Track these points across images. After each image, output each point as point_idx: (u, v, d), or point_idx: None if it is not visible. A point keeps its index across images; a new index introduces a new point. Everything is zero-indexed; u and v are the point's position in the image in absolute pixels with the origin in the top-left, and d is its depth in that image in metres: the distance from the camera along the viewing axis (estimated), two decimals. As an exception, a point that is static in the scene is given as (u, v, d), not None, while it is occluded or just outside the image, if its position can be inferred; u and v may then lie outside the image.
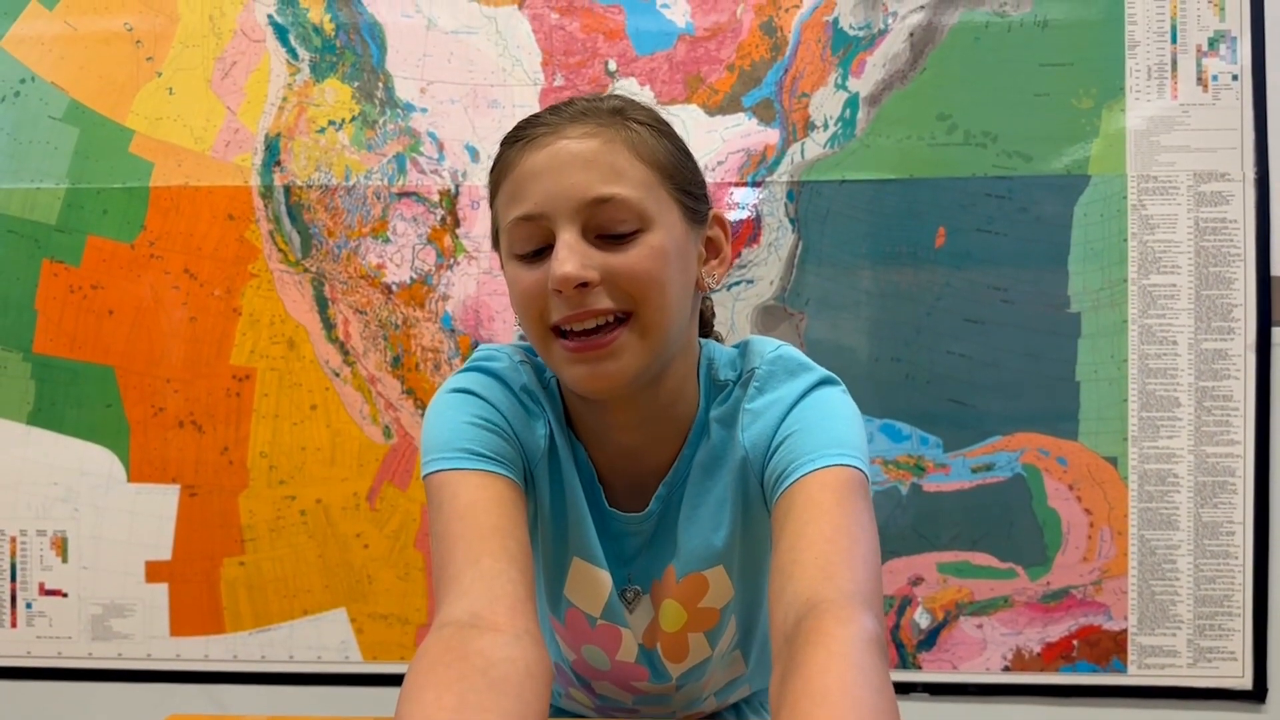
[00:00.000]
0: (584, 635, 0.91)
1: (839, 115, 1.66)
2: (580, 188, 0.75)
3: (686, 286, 0.80)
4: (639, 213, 0.76)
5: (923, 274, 1.65)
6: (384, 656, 1.69)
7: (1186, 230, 1.62)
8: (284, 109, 1.71)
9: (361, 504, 1.70)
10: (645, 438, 0.85)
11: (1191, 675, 1.64)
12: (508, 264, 0.80)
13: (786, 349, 0.85)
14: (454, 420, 0.81)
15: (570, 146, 0.76)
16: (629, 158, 0.76)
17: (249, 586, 1.71)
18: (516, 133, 0.80)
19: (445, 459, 0.79)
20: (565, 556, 0.88)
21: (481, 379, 0.84)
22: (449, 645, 0.66)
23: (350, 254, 1.70)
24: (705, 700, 0.97)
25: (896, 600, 1.65)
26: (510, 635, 0.68)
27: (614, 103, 0.80)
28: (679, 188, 0.80)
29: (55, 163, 1.72)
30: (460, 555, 0.73)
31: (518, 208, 0.77)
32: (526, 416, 0.84)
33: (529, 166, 0.77)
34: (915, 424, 1.65)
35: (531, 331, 0.80)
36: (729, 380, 0.85)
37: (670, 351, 0.80)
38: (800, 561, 0.70)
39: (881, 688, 0.59)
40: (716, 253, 0.85)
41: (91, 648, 1.74)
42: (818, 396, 0.81)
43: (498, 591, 0.71)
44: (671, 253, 0.77)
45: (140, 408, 1.72)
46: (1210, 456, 1.62)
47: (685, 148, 0.83)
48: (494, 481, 0.78)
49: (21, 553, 1.74)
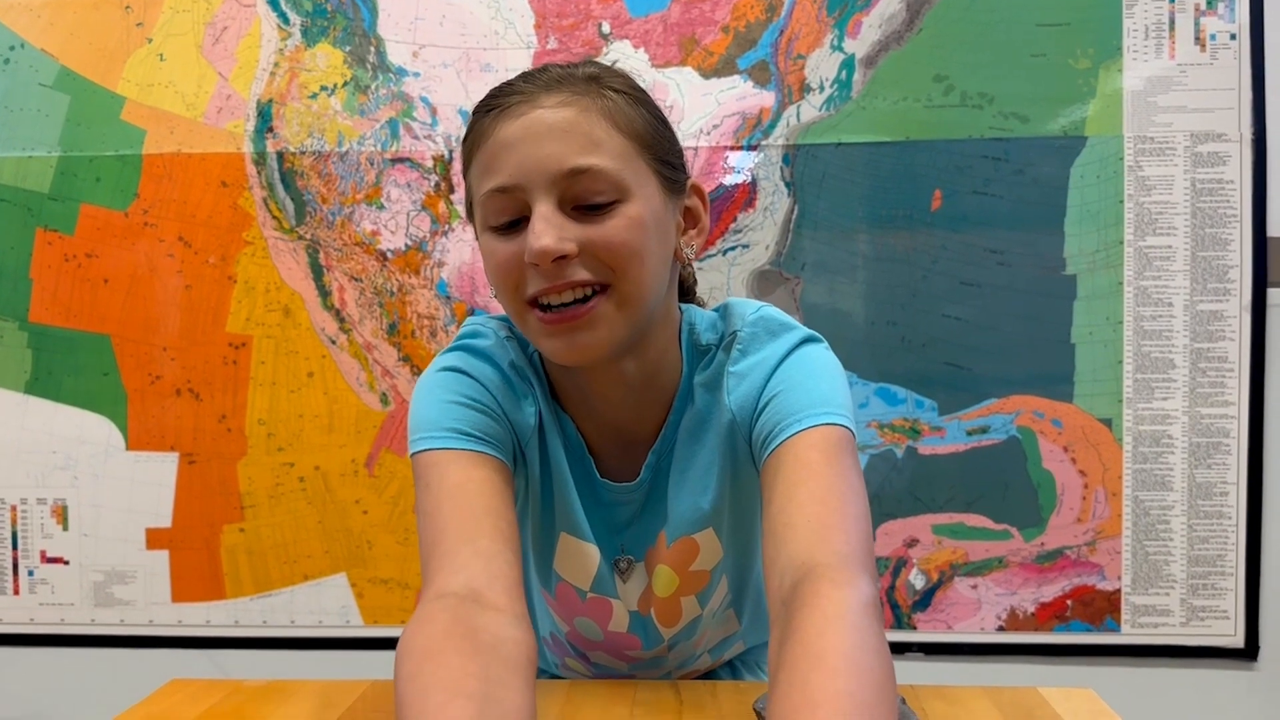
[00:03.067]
0: (575, 608, 0.92)
1: (835, 77, 1.65)
2: (556, 159, 0.73)
3: (665, 257, 0.80)
4: (616, 183, 0.75)
5: (919, 237, 1.65)
6: (385, 620, 1.70)
7: (1183, 191, 1.61)
8: (276, 74, 1.70)
9: (360, 470, 1.70)
10: (631, 407, 0.84)
11: (1184, 634, 1.65)
12: (483, 236, 0.79)
13: (767, 309, 0.85)
14: (442, 399, 0.81)
15: (545, 116, 0.74)
16: (606, 127, 0.75)
17: (249, 553, 1.72)
18: (489, 101, 0.78)
19: (434, 438, 0.79)
20: (553, 532, 0.88)
21: (469, 358, 0.84)
22: (455, 616, 0.66)
23: (344, 221, 1.69)
24: (699, 658, 0.98)
25: (892, 561, 1.66)
26: (510, 616, 0.69)
27: (589, 70, 0.79)
28: (657, 158, 0.79)
29: (47, 130, 1.71)
30: (454, 532, 0.73)
31: (492, 179, 0.76)
32: (515, 395, 0.84)
33: (503, 137, 0.75)
34: (911, 387, 1.65)
35: (508, 304, 0.79)
36: (711, 344, 0.85)
37: (648, 322, 0.80)
38: (793, 524, 0.70)
39: (878, 650, 0.60)
40: (695, 222, 0.85)
41: (94, 614, 1.75)
42: (801, 355, 0.81)
43: (495, 571, 0.71)
44: (649, 223, 0.76)
45: (137, 376, 1.72)
46: (1205, 418, 1.63)
47: (663, 116, 0.82)
48: (483, 462, 0.78)
49: (22, 521, 1.75)
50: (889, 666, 0.59)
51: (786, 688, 0.57)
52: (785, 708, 0.55)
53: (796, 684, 0.56)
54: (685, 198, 0.83)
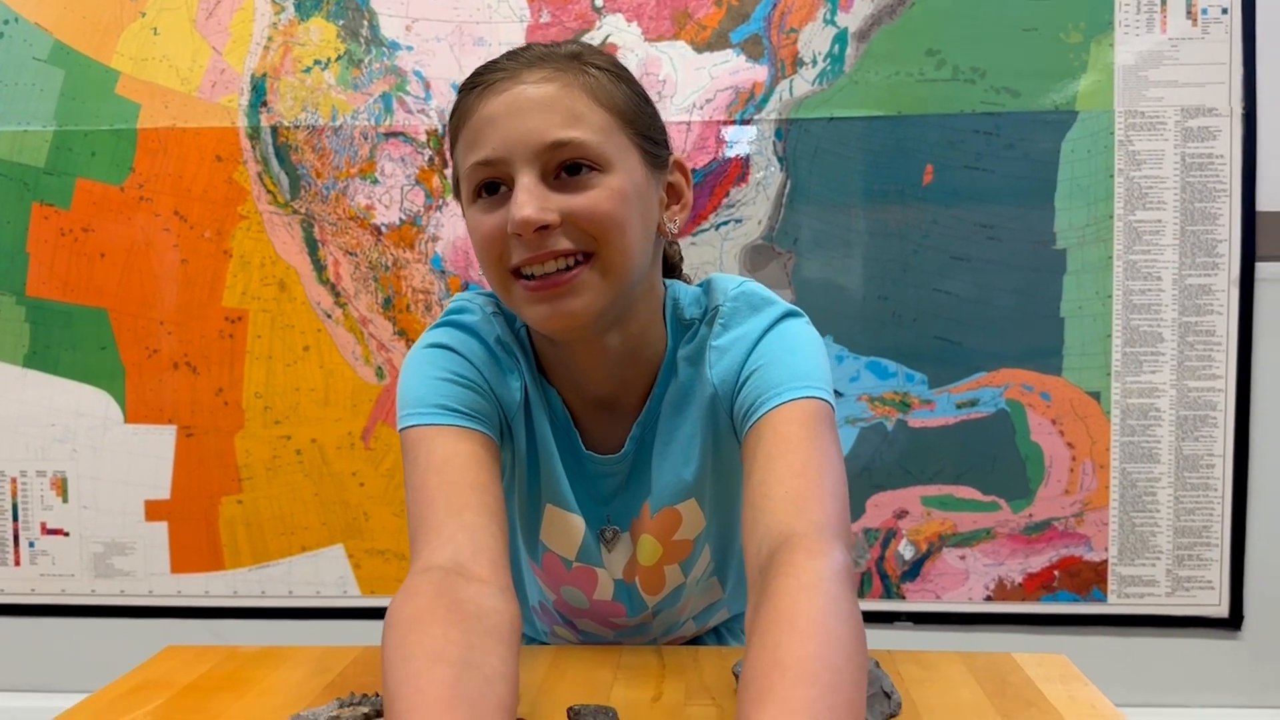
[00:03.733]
0: (561, 577, 0.94)
1: (828, 51, 1.65)
2: (538, 132, 0.75)
3: (647, 230, 0.81)
4: (597, 156, 0.76)
5: (910, 212, 1.65)
6: (382, 591, 1.73)
7: (1173, 166, 1.62)
8: (269, 49, 1.70)
9: (356, 443, 1.72)
10: (616, 381, 0.86)
11: (1170, 604, 1.68)
12: (468, 210, 0.81)
13: (749, 284, 0.87)
14: (429, 376, 0.82)
15: (528, 91, 0.76)
16: (587, 102, 0.77)
17: (247, 524, 1.74)
18: (474, 79, 0.80)
19: (421, 414, 0.81)
20: (539, 503, 0.90)
21: (456, 334, 0.85)
22: (440, 588, 0.68)
23: (339, 195, 1.70)
24: (684, 625, 1.01)
25: (881, 532, 1.68)
26: (495, 588, 0.71)
27: (571, 48, 0.81)
28: (638, 132, 0.80)
29: (42, 105, 1.71)
30: (441, 506, 0.75)
31: (476, 153, 0.77)
32: (501, 370, 0.85)
33: (487, 112, 0.77)
34: (901, 361, 1.67)
35: (492, 275, 0.80)
36: (694, 319, 0.87)
37: (631, 294, 0.81)
38: (771, 496, 0.72)
39: (849, 616, 0.62)
40: (678, 198, 0.86)
41: (94, 585, 1.78)
42: (782, 330, 0.83)
43: (481, 545, 0.73)
44: (631, 195, 0.78)
45: (135, 350, 1.74)
46: (1192, 391, 1.65)
47: (644, 93, 0.83)
48: (470, 437, 0.80)
49: (22, 493, 1.77)
50: (859, 632, 0.61)
51: (759, 650, 0.59)
52: (756, 670, 0.57)
53: (769, 647, 0.58)
54: (668, 173, 0.84)
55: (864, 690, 0.58)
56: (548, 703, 0.76)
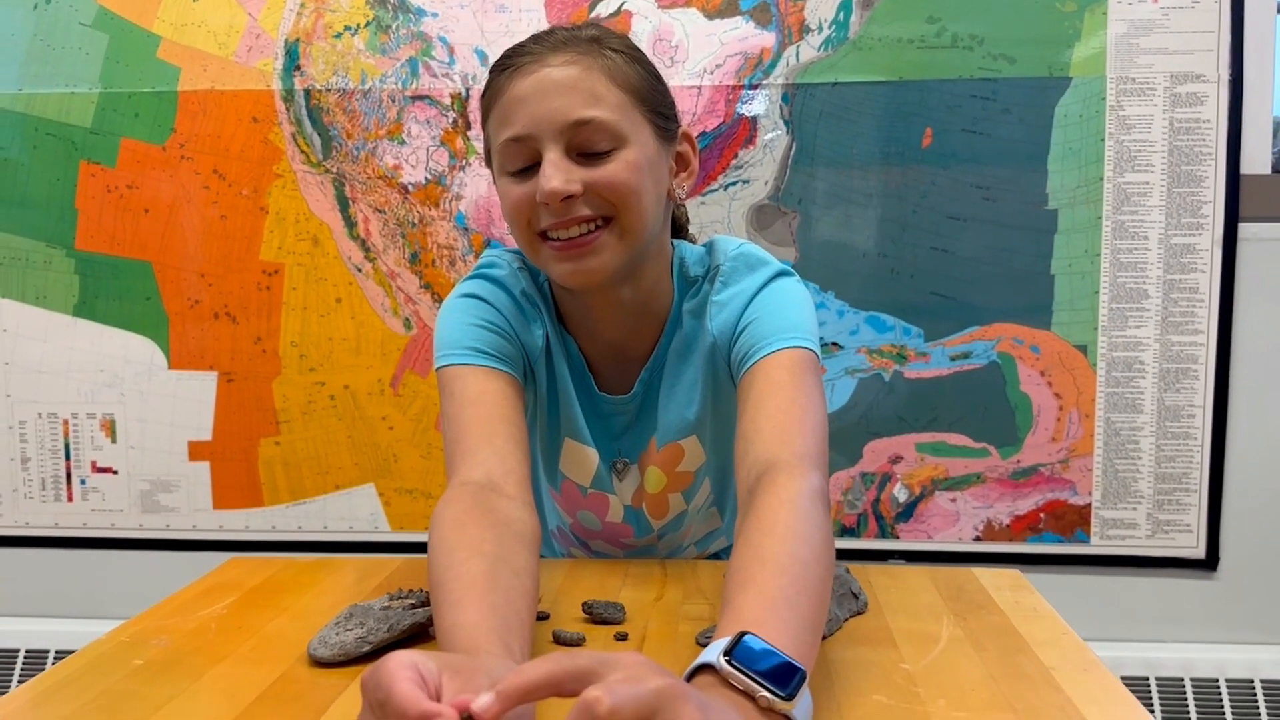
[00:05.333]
0: (577, 502, 1.07)
1: (833, 18, 1.73)
2: (563, 111, 0.85)
3: (659, 196, 0.92)
4: (615, 132, 0.86)
5: (910, 173, 1.74)
6: (410, 527, 1.85)
7: (1161, 130, 1.70)
8: (302, 15, 1.79)
9: (386, 390, 1.84)
10: (627, 330, 0.98)
11: (1149, 546, 1.78)
12: (499, 179, 0.91)
13: (747, 246, 0.98)
14: (463, 322, 0.94)
15: (553, 74, 0.86)
16: (606, 83, 0.87)
17: (284, 464, 1.86)
18: (504, 61, 0.89)
19: (457, 355, 0.93)
20: (559, 437, 1.02)
21: (487, 285, 0.97)
22: (477, 498, 0.80)
23: (368, 155, 1.80)
24: (686, 550, 1.12)
25: (877, 476, 1.79)
26: (520, 503, 0.83)
27: (591, 32, 0.90)
28: (651, 109, 0.90)
29: (87, 68, 1.81)
30: (475, 433, 0.87)
31: (507, 130, 0.87)
32: (525, 319, 0.97)
33: (516, 93, 0.86)
34: (899, 315, 1.76)
35: (521, 237, 0.91)
36: (698, 276, 0.98)
37: (645, 252, 0.92)
38: (760, 429, 0.83)
39: (818, 525, 0.72)
40: (685, 166, 0.96)
41: (141, 519, 1.91)
42: (774, 287, 0.94)
43: (509, 467, 0.85)
44: (644, 166, 0.88)
45: (177, 300, 1.85)
46: (1175, 345, 1.74)
47: (657, 73, 0.93)
48: (498, 377, 0.92)
49: (74, 434, 1.90)
50: (828, 538, 0.71)
51: (742, 549, 0.70)
52: (739, 564, 0.68)
53: (750, 547, 0.69)
54: (677, 144, 0.95)
55: (829, 582, 0.69)
56: (566, 599, 0.88)
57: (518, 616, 0.68)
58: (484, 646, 0.62)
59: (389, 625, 0.77)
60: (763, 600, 0.63)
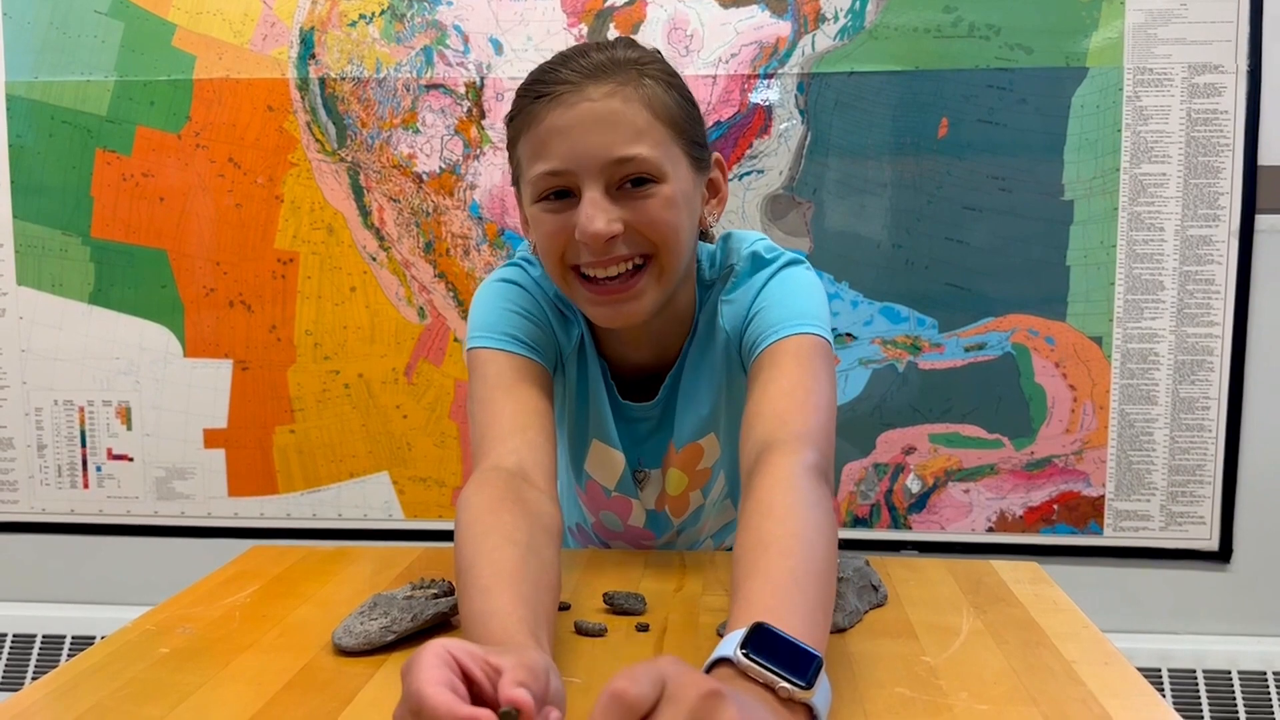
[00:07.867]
0: (601, 502, 1.08)
1: (849, 7, 1.72)
2: (604, 148, 0.82)
3: (693, 228, 0.91)
4: (656, 169, 0.84)
5: (925, 163, 1.74)
6: (423, 515, 1.86)
7: (1178, 121, 1.69)
8: (317, 3, 1.79)
9: (400, 378, 1.84)
10: (654, 347, 0.98)
11: (1163, 537, 1.78)
12: (531, 207, 0.88)
13: (761, 243, 0.97)
14: (500, 306, 0.94)
15: (594, 108, 0.83)
16: (647, 117, 0.84)
17: (299, 452, 1.87)
18: (538, 87, 0.86)
19: (491, 338, 0.93)
20: (586, 437, 1.03)
21: (526, 275, 0.97)
22: (509, 485, 0.80)
23: (383, 144, 1.80)
24: (703, 543, 1.13)
25: (891, 467, 1.79)
26: (547, 495, 0.83)
27: (628, 53, 0.87)
28: (688, 140, 0.88)
29: (103, 56, 1.82)
30: (507, 420, 0.87)
31: (545, 163, 0.84)
32: (562, 317, 0.97)
33: (554, 124, 0.83)
34: (913, 306, 1.76)
35: (553, 269, 0.90)
36: (713, 280, 0.98)
37: (679, 283, 0.92)
38: (762, 413, 0.83)
39: (817, 502, 0.72)
40: (716, 192, 0.96)
41: (157, 506, 1.92)
42: (783, 276, 0.94)
43: (538, 459, 0.85)
44: (681, 201, 0.87)
45: (193, 288, 1.86)
46: (1190, 336, 1.73)
47: (691, 97, 0.91)
48: (531, 365, 0.92)
49: (90, 421, 1.91)
50: (828, 515, 0.71)
51: (745, 533, 0.70)
52: (743, 549, 0.68)
53: (752, 530, 0.69)
54: (709, 171, 0.94)
55: (834, 558, 0.69)
56: (587, 590, 0.89)
57: (545, 609, 0.68)
58: (514, 636, 0.62)
59: (413, 615, 0.78)
60: (770, 586, 0.63)
